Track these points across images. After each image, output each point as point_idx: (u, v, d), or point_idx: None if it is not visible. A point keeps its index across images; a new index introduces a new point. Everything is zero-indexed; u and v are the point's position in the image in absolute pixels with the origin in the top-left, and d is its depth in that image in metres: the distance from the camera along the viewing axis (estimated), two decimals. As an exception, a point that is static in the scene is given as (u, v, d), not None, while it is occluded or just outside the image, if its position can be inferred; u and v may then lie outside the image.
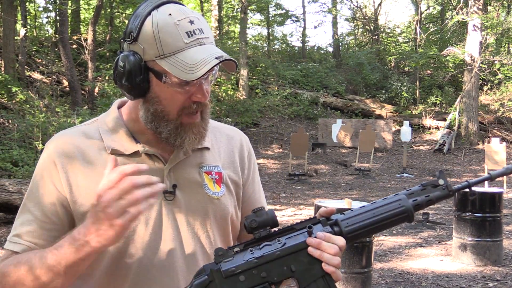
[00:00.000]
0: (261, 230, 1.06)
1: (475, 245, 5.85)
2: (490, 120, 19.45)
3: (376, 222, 1.06)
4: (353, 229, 1.06)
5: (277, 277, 1.03)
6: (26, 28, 14.76)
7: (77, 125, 1.28)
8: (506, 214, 7.83)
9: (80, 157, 1.17)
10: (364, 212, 1.07)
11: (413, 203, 1.07)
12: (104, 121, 1.24)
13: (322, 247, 1.03)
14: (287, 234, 1.07)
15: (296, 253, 1.04)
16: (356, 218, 1.07)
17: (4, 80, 12.48)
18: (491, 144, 12.27)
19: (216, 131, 1.33)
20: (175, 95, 1.13)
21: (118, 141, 1.20)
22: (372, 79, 22.07)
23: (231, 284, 1.03)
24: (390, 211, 1.07)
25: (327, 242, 1.04)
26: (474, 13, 17.66)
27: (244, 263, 1.04)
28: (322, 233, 1.05)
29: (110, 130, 1.22)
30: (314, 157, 15.78)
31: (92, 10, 19.18)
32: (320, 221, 1.08)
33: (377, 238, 6.82)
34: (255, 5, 22.35)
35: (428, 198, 1.08)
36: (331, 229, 1.07)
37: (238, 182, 1.32)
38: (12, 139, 10.36)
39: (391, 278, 5.36)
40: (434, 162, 16.36)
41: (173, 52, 1.09)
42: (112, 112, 1.25)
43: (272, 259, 1.04)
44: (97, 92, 14.46)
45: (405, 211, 1.06)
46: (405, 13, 48.93)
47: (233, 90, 18.19)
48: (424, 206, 1.08)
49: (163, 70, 1.10)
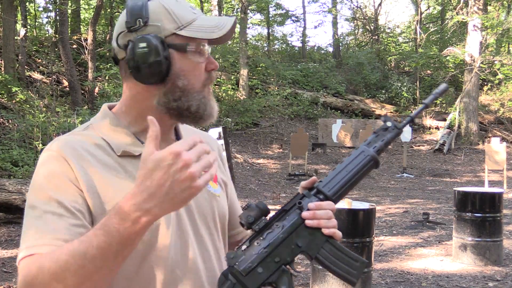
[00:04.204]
0: (258, 222, 1.12)
1: (475, 245, 5.86)
2: (490, 120, 19.46)
3: (352, 177, 1.16)
4: (336, 190, 1.16)
5: (289, 257, 1.12)
6: (26, 28, 14.76)
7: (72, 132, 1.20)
8: (506, 214, 7.83)
9: (90, 158, 1.11)
10: (338, 173, 1.16)
11: (374, 149, 1.18)
12: (101, 125, 1.19)
13: (317, 216, 1.12)
14: (282, 217, 1.14)
15: (297, 230, 1.12)
16: (334, 180, 1.16)
17: (4, 80, 12.48)
18: (491, 144, 12.27)
19: (193, 132, 1.34)
20: (197, 66, 1.16)
21: (124, 143, 1.17)
22: (372, 79, 22.08)
23: (252, 279, 1.09)
24: (359, 163, 1.17)
25: (319, 210, 1.12)
26: (474, 13, 17.66)
27: (256, 256, 1.10)
28: (313, 203, 1.13)
29: (112, 133, 1.18)
30: (314, 157, 15.78)
31: (92, 10, 19.19)
32: (304, 195, 1.16)
33: (377, 238, 6.82)
34: (255, 5, 22.36)
35: (384, 141, 1.19)
36: (317, 198, 1.15)
37: (226, 182, 1.34)
38: (12, 139, 10.36)
39: (391, 278, 5.36)
40: (434, 162, 16.36)
41: (189, 22, 1.15)
42: (107, 115, 1.21)
43: (278, 243, 1.11)
44: (97, 92, 14.46)
45: (371, 158, 1.17)
46: (405, 13, 48.94)
47: (233, 90, 18.19)
48: (384, 149, 1.20)
49: (185, 39, 1.14)
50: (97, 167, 1.11)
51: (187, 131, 1.31)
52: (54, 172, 1.07)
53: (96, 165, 1.11)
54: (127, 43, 1.14)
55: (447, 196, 10.68)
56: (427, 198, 10.88)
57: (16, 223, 7.44)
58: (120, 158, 1.15)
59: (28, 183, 7.61)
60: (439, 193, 11.54)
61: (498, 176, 13.05)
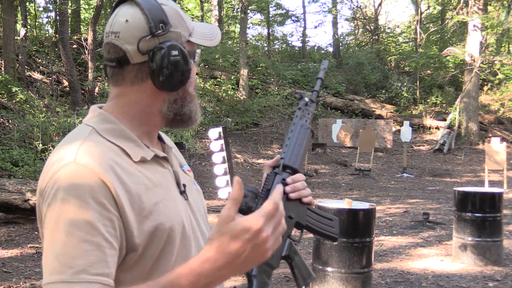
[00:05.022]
0: (255, 206, 1.17)
1: (475, 245, 5.86)
2: (490, 120, 19.46)
3: (304, 149, 1.31)
4: (299, 163, 1.28)
5: (289, 229, 1.21)
6: (26, 28, 14.76)
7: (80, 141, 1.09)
8: (506, 214, 7.83)
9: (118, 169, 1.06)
10: (294, 147, 1.30)
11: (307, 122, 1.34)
12: (107, 130, 1.13)
13: (296, 188, 1.21)
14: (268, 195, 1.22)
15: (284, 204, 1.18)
16: (293, 154, 1.29)
17: (4, 80, 12.48)
18: (491, 144, 12.27)
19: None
20: (195, 73, 1.21)
21: (136, 148, 1.14)
22: (372, 79, 22.08)
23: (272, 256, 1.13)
24: (305, 136, 1.32)
25: (297, 183, 1.22)
26: (474, 13, 17.67)
27: None
28: (290, 178, 1.23)
29: (121, 138, 1.13)
30: (314, 157, 15.78)
31: (92, 10, 19.20)
32: (276, 173, 1.25)
33: (377, 238, 6.82)
34: (255, 5, 22.35)
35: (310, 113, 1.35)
36: (287, 173, 1.25)
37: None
38: (12, 139, 10.36)
39: (391, 278, 5.36)
40: (434, 162, 16.36)
41: (193, 28, 1.18)
42: (109, 119, 1.15)
43: None
44: (97, 92, 14.46)
45: (310, 131, 1.34)
46: (405, 13, 48.89)
47: (233, 90, 18.19)
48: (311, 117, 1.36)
49: (193, 46, 1.18)
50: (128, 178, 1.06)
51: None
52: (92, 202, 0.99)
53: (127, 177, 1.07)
54: (153, 48, 1.10)
55: (447, 196, 10.68)
56: (427, 198, 10.88)
57: (16, 223, 7.44)
58: (136, 164, 1.11)
59: (28, 183, 7.60)
60: (439, 193, 11.53)
61: (498, 176, 13.05)
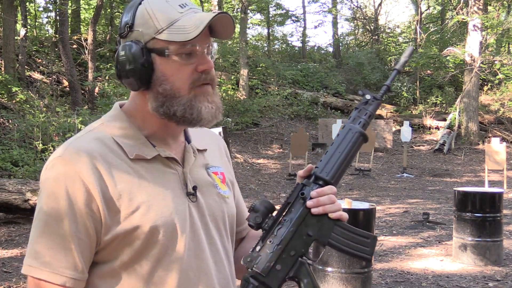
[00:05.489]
0: (266, 221, 1.14)
1: (475, 245, 5.85)
2: (490, 120, 19.45)
3: (345, 157, 1.18)
4: (334, 173, 1.17)
5: (303, 248, 1.14)
6: (26, 28, 14.76)
7: (83, 130, 1.19)
8: (506, 214, 7.83)
9: (104, 165, 1.10)
10: (332, 155, 1.18)
11: (360, 125, 1.20)
12: (113, 126, 1.17)
13: (321, 203, 1.14)
14: (288, 210, 1.16)
15: (305, 220, 1.14)
16: (330, 163, 1.18)
17: (4, 80, 12.48)
18: (491, 144, 12.27)
19: (201, 132, 1.32)
20: (180, 69, 1.12)
21: (136, 146, 1.16)
22: (372, 79, 22.07)
23: (273, 277, 1.12)
24: (349, 142, 1.19)
25: (322, 196, 1.14)
26: (474, 13, 17.66)
27: (272, 255, 1.12)
28: (314, 191, 1.14)
29: (124, 135, 1.16)
30: (314, 157, 15.78)
31: (92, 10, 19.19)
32: (305, 184, 1.17)
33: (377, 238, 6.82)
34: (255, 5, 22.35)
35: (368, 115, 1.22)
36: (317, 184, 1.17)
37: (233, 182, 1.34)
38: (12, 139, 10.36)
39: (391, 278, 5.36)
40: (434, 162, 16.36)
41: (170, 23, 1.11)
42: (120, 116, 1.20)
43: (290, 237, 1.13)
44: (97, 92, 14.46)
45: (360, 135, 1.19)
46: (405, 13, 48.90)
47: (233, 90, 18.19)
48: (368, 122, 1.22)
49: (164, 43, 1.11)
50: (112, 175, 1.10)
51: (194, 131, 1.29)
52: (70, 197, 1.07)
53: (112, 174, 1.10)
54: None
55: (447, 196, 10.68)
56: (427, 198, 10.88)
57: (16, 223, 7.44)
58: (132, 162, 1.13)
59: (28, 183, 7.61)
60: (439, 193, 11.53)
61: (498, 176, 13.05)
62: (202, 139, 1.30)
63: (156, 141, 1.18)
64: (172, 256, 1.12)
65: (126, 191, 1.10)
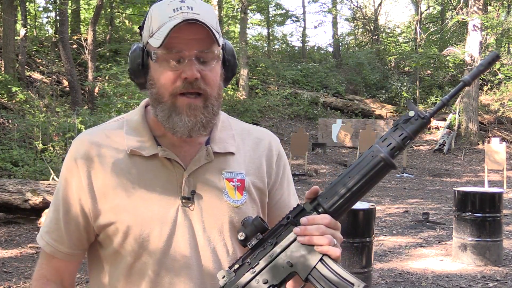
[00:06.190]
0: (252, 240, 1.05)
1: (475, 245, 5.86)
2: (490, 120, 19.45)
3: (354, 185, 1.00)
4: (334, 201, 1.01)
5: (278, 277, 1.02)
6: (26, 28, 14.76)
7: (106, 122, 1.29)
8: (506, 214, 7.83)
9: (97, 158, 1.17)
10: (340, 180, 1.01)
11: (388, 148, 0.98)
12: (130, 119, 1.23)
13: (308, 232, 1.01)
14: (278, 233, 1.05)
15: (288, 247, 1.02)
16: (334, 189, 1.01)
17: (4, 80, 12.48)
18: (491, 144, 12.27)
19: (245, 134, 1.28)
20: (165, 74, 1.11)
21: (139, 142, 1.18)
22: (372, 79, 22.07)
23: None
24: (364, 167, 0.99)
25: (311, 225, 1.01)
26: (474, 13, 17.66)
27: (244, 277, 1.04)
28: (305, 218, 1.02)
29: (134, 129, 1.20)
30: (314, 157, 15.78)
31: (92, 10, 19.18)
32: (303, 208, 1.05)
33: (377, 238, 6.82)
34: (255, 5, 22.35)
35: (403, 136, 0.97)
36: (315, 210, 1.03)
37: (263, 189, 1.26)
38: (12, 139, 10.37)
39: (391, 278, 5.36)
40: (434, 162, 16.36)
41: (158, 27, 1.10)
42: (139, 112, 1.23)
43: (267, 263, 1.03)
44: (97, 92, 14.46)
45: (380, 160, 0.97)
46: (405, 13, 48.90)
47: (233, 90, 18.20)
48: (403, 146, 0.98)
49: (152, 48, 1.11)
50: (103, 166, 1.16)
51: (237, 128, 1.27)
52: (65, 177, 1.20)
53: (102, 164, 1.16)
54: None
55: (447, 196, 10.68)
56: (427, 198, 10.88)
57: (16, 223, 7.43)
58: (129, 157, 1.17)
59: (28, 183, 7.61)
60: (439, 193, 11.53)
61: (498, 176, 13.05)
62: (237, 141, 1.25)
63: (164, 140, 1.19)
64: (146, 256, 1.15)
65: (109, 187, 1.15)
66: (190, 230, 1.15)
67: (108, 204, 1.14)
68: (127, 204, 1.14)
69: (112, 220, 1.14)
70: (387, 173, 0.99)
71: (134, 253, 1.14)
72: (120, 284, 1.16)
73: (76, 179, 1.17)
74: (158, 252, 1.14)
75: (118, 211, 1.13)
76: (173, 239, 1.14)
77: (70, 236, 1.19)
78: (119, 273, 1.16)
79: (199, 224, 1.16)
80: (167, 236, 1.14)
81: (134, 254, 1.14)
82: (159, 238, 1.13)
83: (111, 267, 1.18)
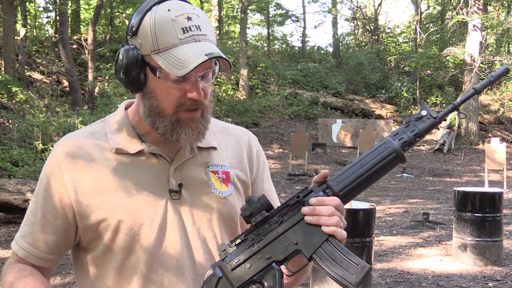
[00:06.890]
0: (256, 216, 1.07)
1: (475, 245, 5.86)
2: (490, 120, 19.45)
3: (365, 172, 1.04)
4: (344, 185, 1.05)
5: (281, 254, 1.04)
6: (26, 28, 14.76)
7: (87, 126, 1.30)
8: (506, 214, 7.83)
9: (84, 158, 1.18)
10: (352, 166, 1.06)
11: (400, 141, 1.04)
12: (111, 121, 1.25)
13: (317, 212, 1.04)
14: (284, 212, 1.07)
15: (295, 226, 1.05)
16: (345, 174, 1.06)
17: (4, 80, 12.48)
18: (491, 144, 12.27)
19: (225, 131, 1.33)
20: (170, 91, 1.13)
21: (123, 140, 1.21)
22: (372, 79, 22.07)
23: (240, 274, 1.05)
24: (376, 156, 1.04)
25: (321, 206, 1.04)
26: (474, 13, 17.66)
27: (246, 251, 1.06)
28: (314, 198, 1.05)
29: (116, 130, 1.23)
30: (314, 157, 15.78)
31: (92, 10, 19.18)
32: (312, 190, 1.08)
33: (377, 238, 6.83)
34: (255, 5, 22.35)
35: (415, 132, 1.04)
36: (324, 193, 1.07)
37: (246, 181, 1.30)
38: (12, 139, 10.36)
39: (391, 278, 5.36)
40: (434, 162, 16.36)
41: (167, 47, 1.09)
42: (119, 113, 1.26)
43: (272, 239, 1.05)
44: (97, 92, 14.46)
45: (392, 151, 1.03)
46: (405, 13, 48.90)
47: (233, 90, 18.19)
48: (413, 142, 1.05)
49: (158, 65, 1.11)
50: (88, 165, 1.18)
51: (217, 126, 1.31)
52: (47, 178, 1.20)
53: (88, 164, 1.18)
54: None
55: (447, 196, 10.68)
56: (427, 198, 10.88)
57: (16, 223, 7.43)
58: (114, 155, 1.19)
59: (28, 183, 7.61)
60: (439, 193, 11.53)
61: (498, 176, 13.05)
62: (218, 137, 1.29)
63: (148, 138, 1.21)
64: (138, 250, 1.16)
65: (98, 186, 1.16)
66: (180, 222, 1.18)
67: (97, 201, 1.15)
68: (117, 199, 1.15)
69: (103, 217, 1.15)
70: (395, 166, 1.04)
71: (126, 248, 1.15)
72: (110, 282, 1.17)
73: (59, 183, 1.18)
74: (150, 245, 1.16)
75: (109, 208, 1.15)
76: (164, 231, 1.17)
77: (47, 240, 1.19)
78: (109, 272, 1.17)
79: (188, 216, 1.19)
80: (158, 229, 1.16)
81: (127, 248, 1.15)
82: (150, 230, 1.16)
83: (98, 268, 1.19)
